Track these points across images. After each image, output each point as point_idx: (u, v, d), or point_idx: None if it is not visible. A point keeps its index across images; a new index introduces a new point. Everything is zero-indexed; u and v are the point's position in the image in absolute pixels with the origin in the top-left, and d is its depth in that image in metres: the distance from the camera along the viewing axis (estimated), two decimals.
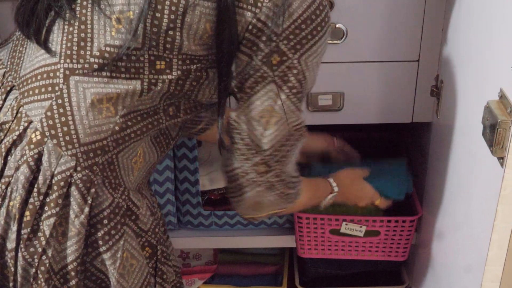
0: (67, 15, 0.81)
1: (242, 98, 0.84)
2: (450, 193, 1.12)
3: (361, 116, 1.28)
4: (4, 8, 1.16)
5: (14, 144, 0.82)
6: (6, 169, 0.82)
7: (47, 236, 0.83)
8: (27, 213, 0.82)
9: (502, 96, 0.79)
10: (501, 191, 0.78)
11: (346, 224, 1.31)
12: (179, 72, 0.81)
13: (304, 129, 0.88)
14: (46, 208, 0.82)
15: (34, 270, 0.84)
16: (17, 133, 0.82)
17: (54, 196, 0.82)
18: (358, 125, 1.33)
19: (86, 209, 0.83)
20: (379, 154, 1.51)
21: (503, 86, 0.79)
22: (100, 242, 0.85)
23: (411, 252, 1.43)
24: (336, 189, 1.11)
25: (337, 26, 1.17)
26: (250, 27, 0.78)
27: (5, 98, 0.86)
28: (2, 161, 0.82)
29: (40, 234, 0.83)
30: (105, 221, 0.84)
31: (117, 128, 0.82)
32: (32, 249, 0.84)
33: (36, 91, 0.82)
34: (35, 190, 0.82)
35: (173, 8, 0.77)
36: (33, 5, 0.85)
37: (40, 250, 0.83)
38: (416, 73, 1.22)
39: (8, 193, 0.82)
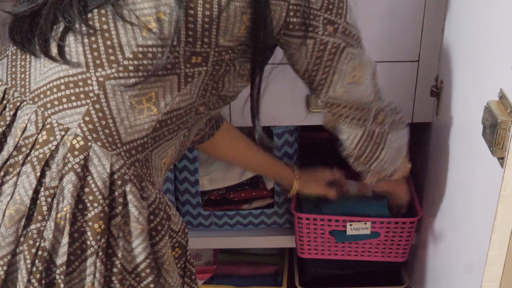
0: (83, 28, 0.80)
1: (325, 76, 0.90)
2: (450, 193, 1.12)
3: None
4: (4, 8, 1.16)
5: (51, 155, 0.79)
6: (47, 180, 0.79)
7: (116, 236, 0.81)
8: (100, 222, 0.79)
9: (502, 97, 0.79)
10: (501, 191, 0.78)
11: (351, 225, 1.31)
12: (214, 64, 0.84)
13: (374, 63, 0.97)
14: (114, 210, 0.80)
15: (107, 273, 0.82)
16: (54, 143, 0.79)
17: (114, 195, 0.80)
18: None
19: (145, 203, 0.82)
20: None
21: (503, 86, 0.79)
22: (150, 235, 0.84)
23: (411, 252, 1.43)
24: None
25: None
26: (291, 12, 0.83)
27: (15, 114, 0.83)
28: (39, 174, 0.79)
29: (117, 241, 0.81)
30: (152, 217, 0.83)
31: (158, 125, 0.83)
32: (109, 263, 0.81)
33: (64, 100, 0.80)
34: (99, 196, 0.79)
35: (207, 5, 0.79)
36: (30, 22, 0.84)
37: (110, 251, 0.81)
38: (416, 73, 1.22)
39: (54, 205, 0.79)
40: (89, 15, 0.81)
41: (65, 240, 0.79)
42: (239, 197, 1.42)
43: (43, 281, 0.80)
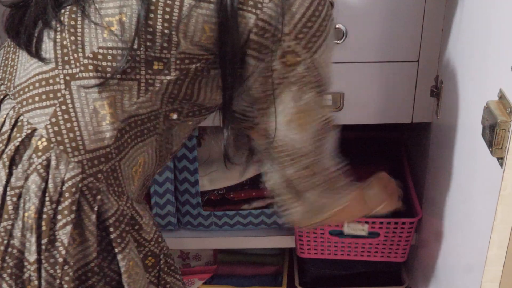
0: (57, 25, 0.80)
1: (264, 108, 0.83)
2: (449, 193, 1.12)
3: (361, 116, 1.28)
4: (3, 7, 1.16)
5: (18, 153, 0.80)
6: (13, 180, 0.80)
7: (66, 245, 0.80)
8: (43, 223, 0.80)
9: (502, 97, 0.78)
10: (501, 191, 0.78)
11: (348, 225, 1.30)
12: (177, 72, 0.80)
13: (332, 123, 0.87)
14: (59, 217, 0.80)
15: (58, 281, 0.82)
16: (19, 139, 0.80)
17: (67, 203, 0.80)
18: (358, 125, 1.33)
19: (93, 217, 0.82)
20: (379, 154, 1.51)
21: (502, 87, 0.79)
22: (113, 245, 0.84)
23: (411, 252, 1.43)
24: (376, 208, 1.05)
25: (337, 26, 1.17)
26: (254, 29, 0.77)
27: None
28: (7, 171, 0.80)
29: (58, 244, 0.81)
30: (111, 229, 0.83)
31: (119, 134, 0.81)
32: (52, 260, 0.81)
33: (37, 98, 0.81)
34: (47, 198, 0.80)
35: (168, 9, 0.77)
36: (21, 16, 0.85)
37: (61, 260, 0.81)
38: (416, 73, 1.22)
39: (21, 204, 0.80)
40: (62, 11, 0.81)
41: (33, 238, 0.80)
42: (239, 197, 1.42)
43: (14, 276, 0.82)
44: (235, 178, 1.41)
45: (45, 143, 0.79)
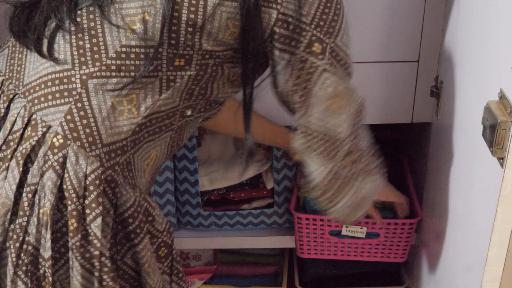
0: (73, 28, 0.81)
1: (299, 101, 0.85)
2: (450, 193, 1.12)
3: None
4: (4, 7, 1.16)
5: (33, 150, 0.81)
6: (29, 177, 0.81)
7: (100, 237, 0.81)
8: (73, 220, 0.80)
9: (502, 97, 0.78)
10: (501, 192, 0.78)
11: (347, 227, 1.31)
12: (197, 68, 0.82)
13: (364, 103, 0.90)
14: (88, 211, 0.81)
15: (97, 274, 0.83)
16: (35, 138, 0.81)
17: (93, 196, 0.80)
18: None
19: (112, 211, 0.82)
20: (379, 154, 1.51)
21: (503, 87, 0.79)
22: (129, 238, 0.85)
23: (411, 252, 1.43)
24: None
25: None
26: (278, 22, 0.80)
27: (8, 106, 0.84)
28: (22, 169, 0.81)
29: (91, 237, 0.81)
30: (130, 220, 0.84)
31: (137, 129, 0.83)
32: (88, 255, 0.82)
33: (50, 97, 0.81)
34: (73, 194, 0.80)
35: (192, 8, 0.78)
36: (28, 15, 0.85)
37: (97, 253, 0.82)
38: (416, 73, 1.22)
39: (37, 201, 0.80)
40: (78, 13, 0.82)
41: (48, 235, 0.81)
42: (239, 197, 1.42)
43: (29, 273, 0.82)
44: (235, 178, 1.41)
45: (61, 140, 0.80)
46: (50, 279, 0.82)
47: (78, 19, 0.82)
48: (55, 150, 0.80)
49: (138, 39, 0.79)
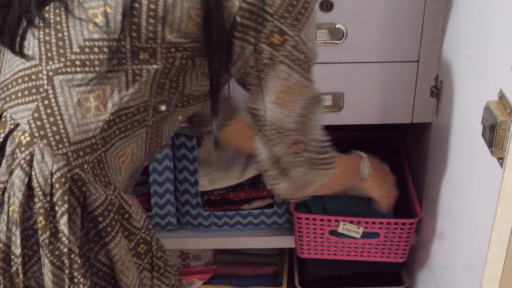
0: (41, 24, 0.81)
1: (253, 86, 0.85)
2: (449, 194, 1.12)
3: (361, 117, 1.28)
4: None
5: (1, 148, 0.81)
6: None
7: (67, 234, 0.81)
8: (40, 218, 0.81)
9: (502, 97, 0.78)
10: (501, 192, 0.78)
11: (344, 224, 1.31)
12: (163, 61, 0.81)
13: (320, 96, 0.89)
14: (56, 208, 0.81)
15: (67, 271, 0.83)
16: (2, 135, 0.81)
17: (59, 194, 0.81)
18: (358, 125, 1.33)
19: (78, 210, 0.83)
20: (379, 154, 1.51)
21: (502, 87, 0.79)
22: (101, 236, 0.85)
23: (411, 252, 1.43)
24: (368, 178, 1.08)
25: (337, 26, 1.17)
26: (240, 12, 0.78)
27: None
28: None
29: (60, 235, 0.82)
30: (100, 218, 0.84)
31: (105, 126, 0.82)
32: (57, 252, 0.82)
33: (19, 94, 0.82)
34: (39, 192, 0.81)
35: (153, 12, 0.78)
36: (5, 14, 0.85)
37: (66, 250, 0.82)
38: (416, 73, 1.22)
39: (6, 199, 0.81)
40: (46, 8, 0.82)
41: (18, 232, 0.81)
42: (239, 197, 1.42)
43: (1, 270, 0.83)
44: (235, 178, 1.41)
45: (28, 138, 0.81)
46: (21, 276, 0.83)
47: (46, 15, 0.82)
48: (23, 148, 0.81)
49: (100, 32, 0.79)
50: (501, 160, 0.78)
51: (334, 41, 1.18)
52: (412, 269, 1.46)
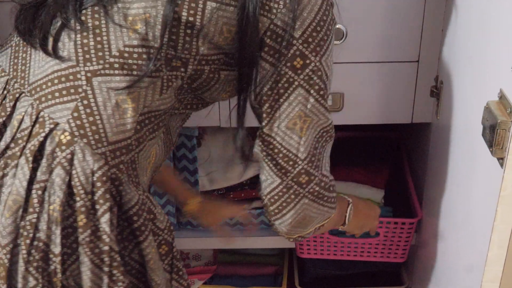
0: (78, 27, 0.82)
1: (270, 109, 0.85)
2: (450, 194, 1.12)
3: (361, 117, 1.28)
4: (4, 7, 1.16)
5: (42, 147, 0.82)
6: (38, 174, 0.82)
7: (109, 232, 0.82)
8: (81, 216, 0.81)
9: (502, 97, 0.79)
10: (501, 192, 0.78)
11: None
12: (193, 72, 0.84)
13: (333, 129, 0.90)
14: (97, 206, 0.82)
15: (107, 269, 0.83)
16: (43, 135, 0.82)
17: (100, 192, 0.81)
18: (358, 125, 1.33)
19: (115, 209, 0.83)
20: (379, 154, 1.51)
21: (502, 87, 0.79)
22: (135, 235, 0.86)
23: (411, 252, 1.43)
24: (347, 222, 1.08)
25: (337, 26, 1.17)
26: (268, 32, 0.81)
27: (14, 105, 0.85)
28: (31, 166, 0.82)
29: (100, 233, 0.82)
30: (135, 218, 0.85)
31: (138, 127, 0.84)
32: (97, 250, 0.83)
33: (57, 94, 0.82)
34: (81, 191, 0.81)
35: (192, 11, 0.80)
36: (33, 13, 0.86)
37: (106, 248, 0.83)
38: (416, 73, 1.22)
39: (46, 198, 0.81)
40: (83, 12, 0.83)
41: (58, 231, 0.81)
42: (239, 197, 1.42)
43: (40, 269, 0.83)
44: (235, 178, 1.41)
45: (68, 137, 0.81)
46: (60, 275, 0.83)
47: (83, 18, 0.83)
48: (63, 147, 0.81)
49: (139, 39, 0.80)
50: (501, 160, 0.78)
51: (334, 41, 1.18)
52: (412, 269, 1.46)
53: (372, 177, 1.42)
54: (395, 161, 1.51)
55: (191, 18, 0.80)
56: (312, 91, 0.85)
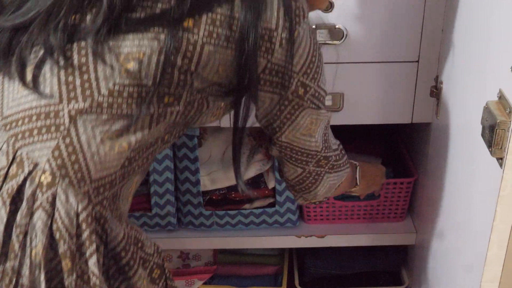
0: (62, 62, 0.77)
1: (283, 124, 0.91)
2: (449, 193, 1.12)
3: (361, 117, 1.28)
4: None
5: (20, 189, 0.77)
6: (18, 218, 0.77)
7: (98, 274, 0.78)
8: (66, 260, 0.77)
9: (501, 97, 0.79)
10: (500, 192, 0.78)
11: None
12: (186, 104, 0.81)
13: (330, 115, 0.98)
14: (84, 249, 0.78)
15: None
16: (22, 176, 0.77)
17: (86, 234, 0.78)
18: (358, 125, 1.33)
19: (101, 248, 0.80)
20: (378, 154, 1.52)
21: (502, 87, 0.79)
22: (123, 271, 0.83)
23: (411, 252, 1.43)
24: (359, 184, 1.18)
25: (337, 26, 1.17)
26: (266, 70, 0.83)
27: None
28: (9, 209, 0.76)
29: (88, 276, 0.78)
30: (123, 254, 0.82)
31: (126, 163, 0.81)
32: None
33: (35, 132, 0.77)
34: (65, 234, 0.77)
35: (188, 54, 0.77)
36: (11, 37, 0.80)
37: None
38: (415, 73, 1.22)
39: (28, 242, 0.77)
40: (68, 46, 0.77)
41: (42, 276, 0.77)
42: (241, 196, 1.42)
43: None
44: None
45: (49, 178, 0.77)
46: None
47: (68, 53, 0.77)
48: (44, 189, 0.77)
49: (131, 78, 0.76)
50: (500, 160, 0.78)
51: (334, 41, 1.18)
52: (412, 269, 1.46)
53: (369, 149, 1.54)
54: (395, 160, 1.51)
55: (186, 61, 0.77)
56: (316, 105, 0.91)
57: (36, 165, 0.77)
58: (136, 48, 0.77)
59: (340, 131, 1.46)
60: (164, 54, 0.76)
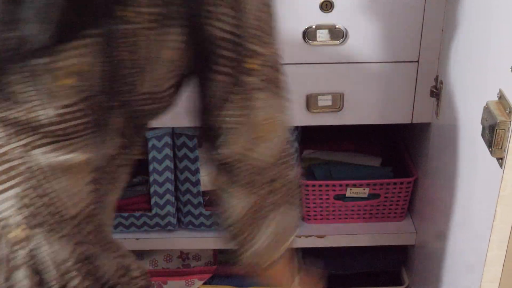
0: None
1: (228, 125, 0.75)
2: (449, 193, 1.12)
3: (361, 117, 1.28)
4: None
5: None
6: None
7: None
8: None
9: (501, 97, 0.79)
10: (500, 192, 0.78)
11: (351, 189, 1.39)
12: (131, 112, 0.71)
13: (289, 129, 0.82)
14: None
15: None
16: None
17: (77, 280, 0.70)
18: (358, 125, 1.33)
19: (97, 285, 0.73)
20: (378, 154, 1.52)
21: (502, 87, 0.79)
22: None
23: (411, 252, 1.43)
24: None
25: (337, 26, 1.17)
26: (218, 41, 0.68)
27: None
28: None
29: None
30: (118, 286, 0.76)
31: (97, 186, 0.72)
32: None
33: None
34: (55, 286, 0.69)
35: (133, 63, 0.66)
36: None
37: None
38: (415, 73, 1.22)
39: None
40: (4, 75, 0.63)
41: None
42: None
43: None
44: None
45: (26, 231, 0.67)
46: None
47: (4, 81, 0.63)
48: (23, 243, 0.67)
49: (74, 95, 0.64)
50: (500, 160, 0.78)
51: (334, 41, 1.18)
52: (412, 269, 1.46)
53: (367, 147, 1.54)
54: (395, 160, 1.51)
55: (134, 70, 0.66)
56: (271, 87, 0.74)
57: (2, 220, 0.67)
58: (77, 60, 0.64)
59: (340, 131, 1.47)
60: (106, 62, 0.64)
